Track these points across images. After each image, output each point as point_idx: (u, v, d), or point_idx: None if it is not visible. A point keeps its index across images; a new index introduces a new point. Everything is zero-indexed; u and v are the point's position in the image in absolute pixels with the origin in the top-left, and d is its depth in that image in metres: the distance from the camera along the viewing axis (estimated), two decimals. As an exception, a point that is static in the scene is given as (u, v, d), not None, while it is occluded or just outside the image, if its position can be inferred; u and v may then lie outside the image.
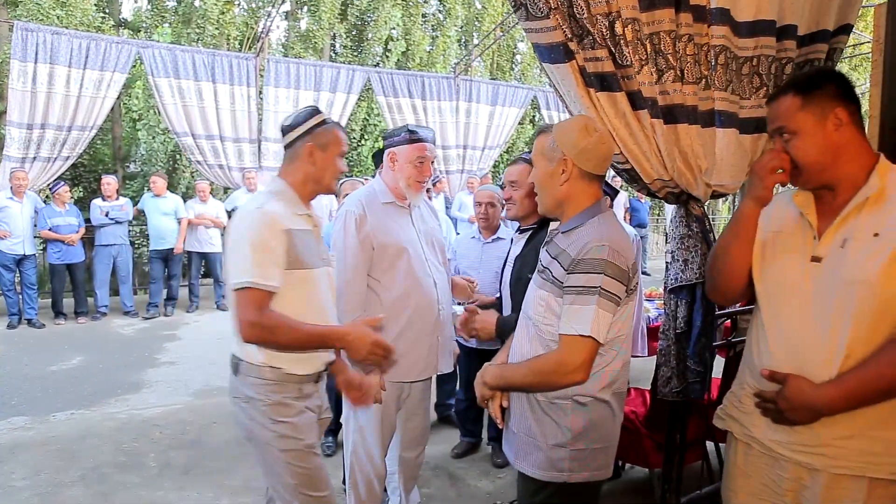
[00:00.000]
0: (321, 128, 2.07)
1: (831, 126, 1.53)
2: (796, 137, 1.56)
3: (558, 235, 1.87)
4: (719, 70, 2.31)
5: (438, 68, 13.05)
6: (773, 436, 1.59)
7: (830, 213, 1.57)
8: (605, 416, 1.82)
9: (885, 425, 1.45)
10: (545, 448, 1.81)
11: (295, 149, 2.07)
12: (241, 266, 1.87)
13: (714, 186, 2.42)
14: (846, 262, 1.49)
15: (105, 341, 6.83)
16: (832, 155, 1.54)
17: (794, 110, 1.56)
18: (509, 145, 13.68)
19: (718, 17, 2.26)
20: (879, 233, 1.45)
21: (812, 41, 2.41)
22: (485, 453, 3.98)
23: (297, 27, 12.74)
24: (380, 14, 12.46)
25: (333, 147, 2.08)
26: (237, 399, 2.03)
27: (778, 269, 1.65)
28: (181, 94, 8.57)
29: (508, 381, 1.90)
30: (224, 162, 9.00)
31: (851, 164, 1.54)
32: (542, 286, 1.85)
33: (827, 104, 1.53)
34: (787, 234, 1.66)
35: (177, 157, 11.24)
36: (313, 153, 2.04)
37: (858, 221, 1.50)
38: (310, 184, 2.09)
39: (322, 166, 2.07)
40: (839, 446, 1.47)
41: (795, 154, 1.57)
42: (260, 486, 3.51)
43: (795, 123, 1.56)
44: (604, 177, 1.92)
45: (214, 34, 11.17)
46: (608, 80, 2.24)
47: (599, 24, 2.16)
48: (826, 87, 1.54)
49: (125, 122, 11.84)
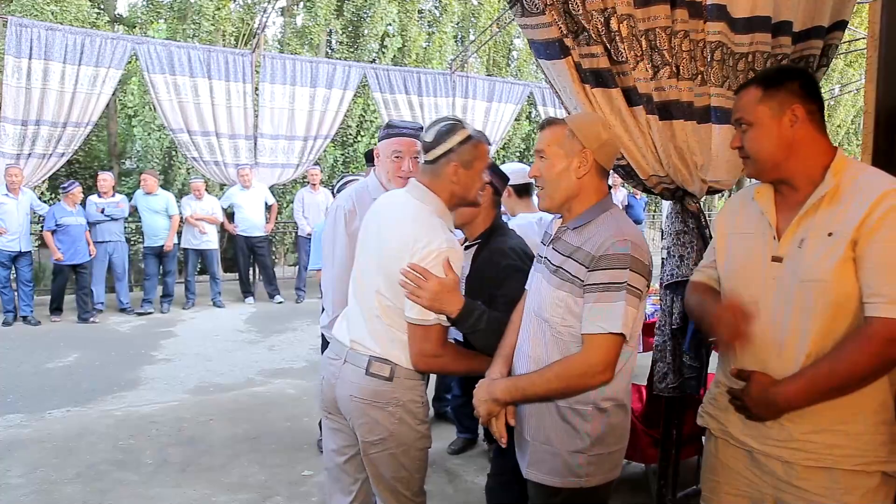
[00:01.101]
0: (465, 145, 1.98)
1: (787, 121, 1.56)
2: (752, 129, 1.60)
3: (567, 232, 1.80)
4: (715, 66, 2.31)
5: (435, 64, 13.03)
6: (746, 431, 1.64)
7: (789, 210, 1.60)
8: (622, 419, 1.81)
9: (849, 420, 1.50)
10: (563, 454, 1.77)
11: (438, 166, 1.99)
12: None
13: (710, 182, 2.43)
14: (803, 262, 1.52)
15: (101, 338, 6.81)
16: (785, 150, 1.57)
17: (754, 103, 1.60)
18: (505, 141, 13.67)
19: (715, 14, 2.26)
20: (833, 232, 1.48)
21: (807, 37, 2.42)
22: (481, 449, 3.98)
23: (293, 23, 12.70)
24: (376, 10, 12.42)
25: (478, 163, 2.03)
26: (386, 404, 1.98)
27: (741, 269, 1.68)
28: (177, 91, 8.54)
29: (526, 393, 1.80)
30: (220, 158, 8.97)
31: (806, 161, 1.57)
32: (559, 287, 1.76)
33: (786, 100, 1.56)
34: (748, 234, 1.69)
35: (172, 154, 11.21)
36: (457, 172, 1.98)
37: (815, 220, 1.53)
38: (455, 199, 2.04)
39: (466, 183, 2.01)
40: (807, 440, 1.52)
41: (749, 145, 1.62)
42: (256, 483, 3.52)
43: (753, 115, 1.60)
44: (608, 174, 1.88)
45: (210, 30, 11.14)
46: (604, 76, 2.24)
47: (595, 20, 2.16)
48: (788, 84, 1.57)
49: (121, 119, 11.79)
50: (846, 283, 1.46)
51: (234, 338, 6.93)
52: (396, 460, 2.01)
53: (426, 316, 1.88)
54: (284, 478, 3.58)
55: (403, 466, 2.02)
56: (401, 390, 1.99)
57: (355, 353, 2.01)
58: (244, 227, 8.61)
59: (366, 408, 1.98)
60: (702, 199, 2.55)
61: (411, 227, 1.92)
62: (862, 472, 1.49)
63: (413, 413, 2.01)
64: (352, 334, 2.05)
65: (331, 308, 2.50)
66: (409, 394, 2.00)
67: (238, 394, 5.10)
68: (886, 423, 1.51)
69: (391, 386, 1.97)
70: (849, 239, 1.45)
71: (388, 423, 1.98)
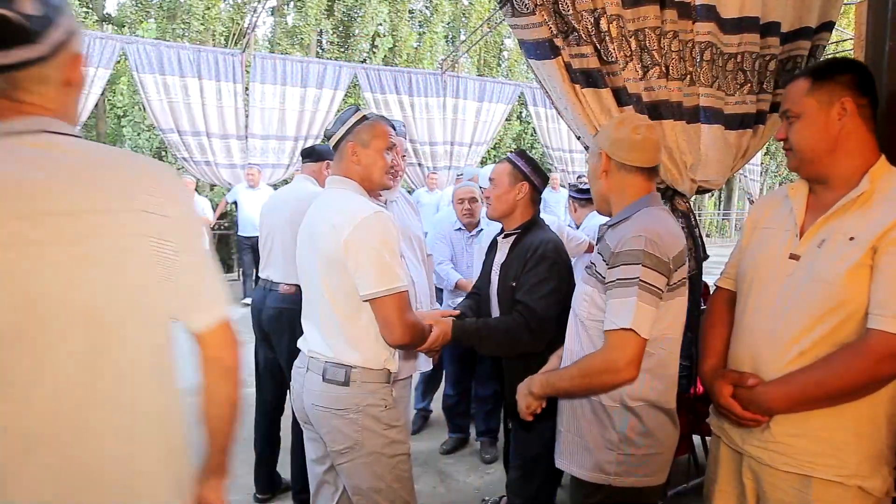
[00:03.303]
0: (361, 125, 2.03)
1: (835, 113, 1.50)
2: (799, 120, 1.55)
3: (607, 231, 1.84)
4: (704, 66, 2.33)
5: (425, 64, 13.04)
6: (737, 429, 1.63)
7: (819, 210, 1.55)
8: (660, 422, 1.76)
9: (834, 428, 1.46)
10: (593, 449, 1.77)
11: (340, 150, 2.04)
12: (382, 273, 1.85)
13: (699, 182, 2.44)
14: (818, 263, 1.48)
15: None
16: (831, 143, 1.51)
17: (802, 94, 1.55)
18: (496, 141, 13.70)
19: (704, 14, 2.28)
20: (855, 237, 1.43)
21: (795, 38, 2.44)
22: (473, 449, 3.99)
23: (284, 23, 12.68)
24: (366, 10, 12.43)
25: (376, 142, 2.03)
26: (346, 410, 1.92)
27: (755, 263, 1.66)
28: (166, 91, 8.50)
29: (556, 388, 1.84)
30: (211, 158, 8.94)
31: (848, 160, 1.51)
32: (587, 281, 1.82)
33: (836, 91, 1.50)
34: (773, 229, 1.66)
35: (162, 154, 11.17)
36: (356, 151, 2.01)
37: (840, 223, 1.48)
38: (365, 181, 2.04)
39: (367, 162, 2.02)
40: (787, 444, 1.50)
41: (794, 137, 1.57)
42: (247, 484, 3.51)
43: (800, 106, 1.55)
44: (654, 169, 1.86)
45: (200, 30, 11.11)
46: (593, 76, 2.25)
47: (585, 20, 2.17)
48: (839, 76, 1.51)
49: (110, 119, 11.73)
50: (856, 289, 1.41)
51: (225, 338, 6.88)
52: (369, 469, 1.94)
53: (383, 285, 1.84)
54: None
55: (378, 476, 1.94)
56: (359, 395, 1.92)
57: (315, 361, 1.98)
58: (244, 226, 8.57)
59: (327, 416, 1.93)
60: (692, 199, 2.57)
61: (335, 209, 1.94)
62: (839, 483, 1.44)
63: (376, 418, 1.93)
64: (310, 343, 2.03)
65: None
66: (369, 398, 1.92)
67: (229, 395, 5.07)
68: (872, 437, 1.46)
69: (348, 391, 1.91)
70: (869, 245, 1.40)
71: (351, 430, 1.92)
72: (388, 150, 2.06)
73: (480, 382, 3.91)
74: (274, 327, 3.23)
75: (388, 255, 1.87)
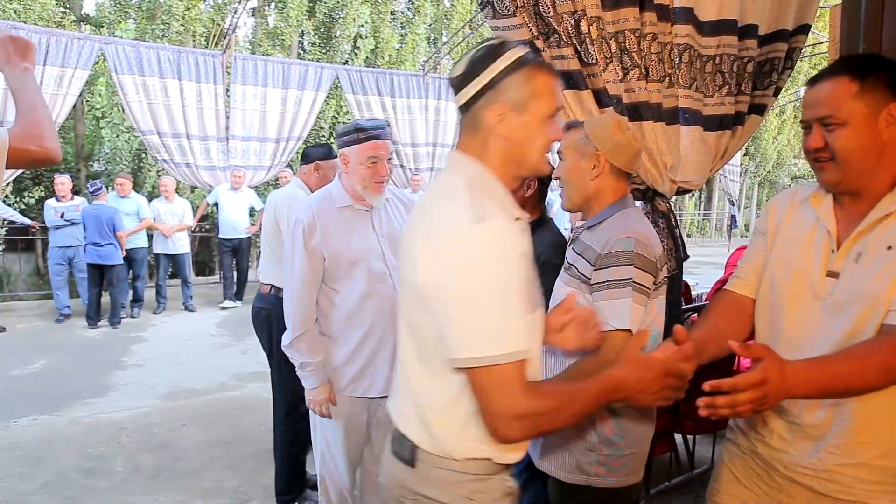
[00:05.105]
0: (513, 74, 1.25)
1: (883, 121, 1.32)
2: (844, 128, 1.33)
3: (584, 232, 1.85)
4: (683, 68, 2.35)
5: (407, 66, 13.02)
6: (776, 455, 1.50)
7: (851, 221, 1.41)
8: (638, 421, 1.78)
9: (886, 454, 1.36)
10: (573, 450, 1.78)
11: (473, 113, 1.30)
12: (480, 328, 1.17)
13: (679, 182, 2.47)
14: (859, 279, 1.35)
15: (69, 344, 6.68)
16: (877, 154, 1.34)
17: (848, 97, 1.33)
18: (479, 143, 13.70)
19: (682, 17, 2.30)
20: (893, 245, 1.31)
21: (772, 40, 2.48)
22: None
23: (265, 24, 12.60)
24: (348, 11, 12.37)
25: (538, 103, 1.27)
26: (402, 498, 1.37)
27: (788, 277, 1.49)
28: (146, 92, 8.42)
29: None
30: (191, 160, 8.86)
31: (886, 172, 1.36)
32: (568, 283, 1.82)
33: (883, 96, 1.32)
34: (801, 241, 1.49)
35: (142, 156, 11.04)
36: (504, 118, 1.26)
37: (874, 235, 1.36)
38: (508, 163, 1.31)
39: (521, 137, 1.28)
40: (842, 473, 1.39)
41: (840, 146, 1.34)
42: (230, 488, 3.49)
43: (846, 112, 1.32)
44: (630, 175, 1.88)
45: (180, 30, 10.99)
46: (574, 77, 2.27)
47: (565, 22, 2.19)
48: (883, 77, 1.32)
49: (88, 120, 11.58)
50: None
51: (207, 342, 6.84)
52: None
53: (495, 349, 1.15)
54: (259, 482, 3.55)
55: None
56: (427, 483, 1.32)
57: (391, 422, 1.45)
58: (224, 228, 8.51)
59: (387, 498, 1.42)
60: (672, 199, 2.59)
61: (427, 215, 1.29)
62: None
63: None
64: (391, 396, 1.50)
65: (290, 329, 2.37)
66: (441, 491, 1.30)
67: (211, 398, 5.04)
68: None
69: (413, 474, 1.33)
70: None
71: None
72: (553, 115, 1.31)
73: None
74: (256, 326, 3.35)
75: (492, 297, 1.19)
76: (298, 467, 3.29)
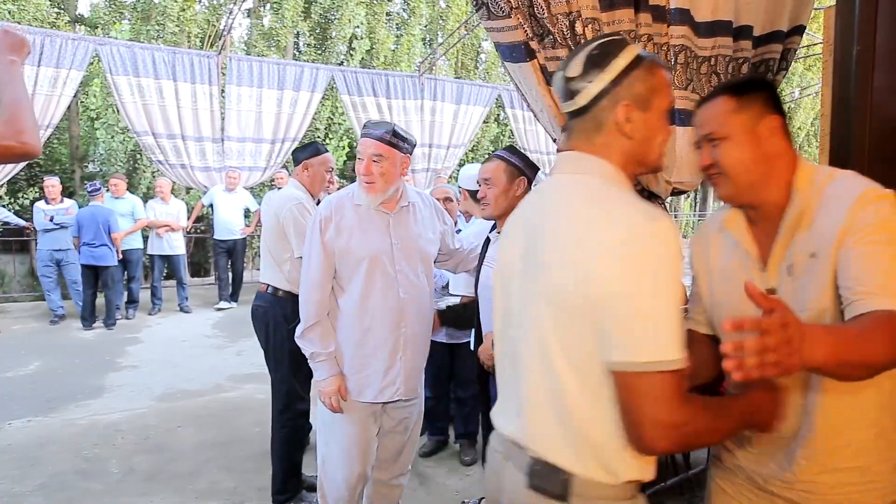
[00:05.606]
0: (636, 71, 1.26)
1: (765, 134, 1.40)
2: (726, 142, 1.41)
3: None
4: (679, 69, 2.35)
5: (403, 67, 13.01)
6: (755, 469, 1.49)
7: (765, 237, 1.45)
8: None
9: (861, 455, 1.37)
10: None
11: (596, 114, 1.27)
12: (663, 329, 1.11)
13: (674, 184, 2.47)
14: (797, 291, 1.36)
15: (64, 345, 6.66)
16: (764, 164, 1.41)
17: (727, 113, 1.41)
18: (474, 143, 13.72)
19: (678, 18, 2.30)
20: (815, 252, 1.34)
21: (767, 41, 2.48)
22: (453, 451, 3.99)
23: (260, 25, 12.57)
24: (343, 12, 12.36)
25: (659, 99, 1.29)
26: None
27: (735, 308, 1.46)
28: (141, 93, 8.40)
29: None
30: (186, 161, 8.84)
31: (778, 178, 1.41)
32: None
33: (761, 110, 1.41)
34: (729, 269, 1.50)
35: (137, 157, 11.01)
36: (630, 116, 1.25)
37: (795, 245, 1.38)
38: (631, 161, 1.31)
39: (645, 134, 1.29)
40: (818, 481, 1.38)
41: (725, 160, 1.42)
42: (226, 489, 3.48)
43: (727, 127, 1.41)
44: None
45: (175, 31, 10.96)
46: (570, 79, 2.26)
47: (560, 23, 2.19)
48: (759, 94, 1.42)
49: (83, 121, 11.53)
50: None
51: (202, 343, 6.83)
52: None
53: (663, 354, 1.09)
54: (254, 484, 3.54)
55: None
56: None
57: (515, 449, 1.30)
58: (219, 229, 8.49)
59: None
60: (667, 201, 2.60)
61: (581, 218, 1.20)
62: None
63: None
64: (508, 421, 1.35)
65: (303, 319, 2.40)
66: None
67: (206, 400, 5.03)
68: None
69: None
70: (830, 258, 1.30)
71: None
72: (669, 109, 1.32)
73: (460, 384, 3.91)
74: (254, 324, 3.38)
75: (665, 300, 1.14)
76: (294, 467, 3.28)
